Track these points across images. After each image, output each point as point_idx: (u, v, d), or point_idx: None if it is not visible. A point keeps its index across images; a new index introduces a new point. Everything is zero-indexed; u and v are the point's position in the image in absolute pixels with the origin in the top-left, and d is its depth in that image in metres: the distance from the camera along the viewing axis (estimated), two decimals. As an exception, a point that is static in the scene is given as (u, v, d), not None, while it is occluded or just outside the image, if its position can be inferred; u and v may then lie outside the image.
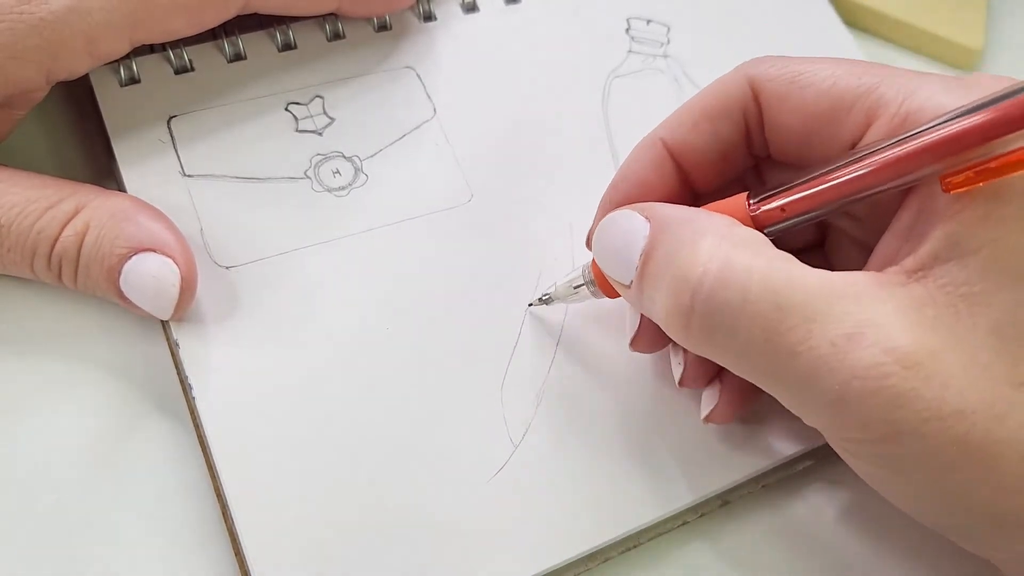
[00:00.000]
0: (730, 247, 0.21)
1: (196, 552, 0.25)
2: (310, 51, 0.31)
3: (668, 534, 0.27)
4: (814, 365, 0.20)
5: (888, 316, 0.20)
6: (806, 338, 0.20)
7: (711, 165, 0.26)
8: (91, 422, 0.26)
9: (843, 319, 0.20)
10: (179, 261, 0.25)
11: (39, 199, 0.25)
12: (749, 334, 0.20)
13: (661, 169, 0.26)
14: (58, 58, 0.25)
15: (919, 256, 0.21)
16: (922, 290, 0.20)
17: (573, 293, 0.27)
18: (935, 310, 0.20)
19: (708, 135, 0.25)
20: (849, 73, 0.23)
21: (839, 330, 0.20)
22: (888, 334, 0.20)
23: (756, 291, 0.20)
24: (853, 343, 0.20)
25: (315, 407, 0.25)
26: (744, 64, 0.25)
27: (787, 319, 0.20)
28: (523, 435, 0.26)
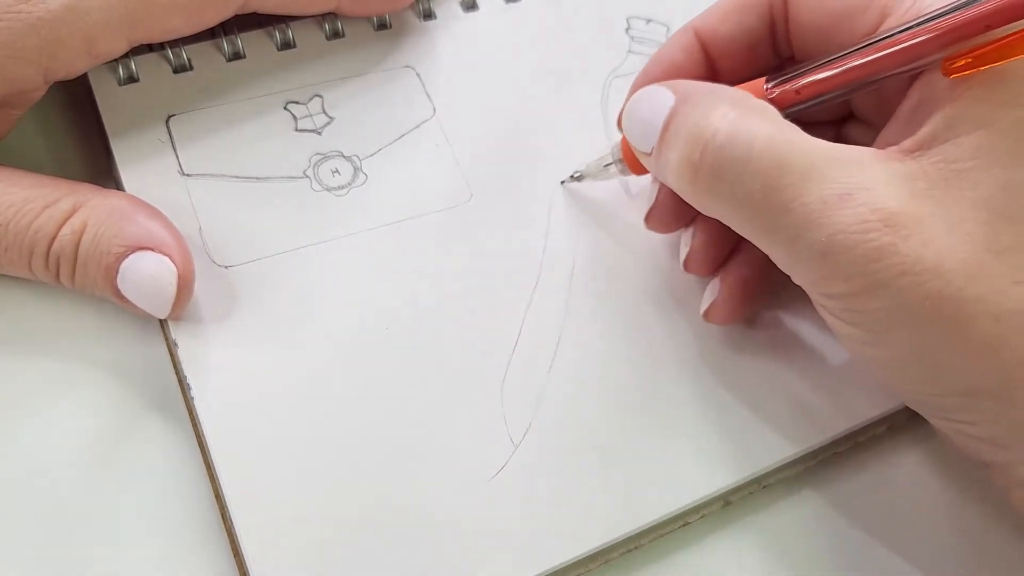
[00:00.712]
0: (742, 111, 0.23)
1: (195, 552, 0.24)
2: (309, 50, 0.31)
3: (669, 535, 0.27)
4: (804, 219, 0.21)
5: (879, 183, 0.21)
6: (800, 194, 0.21)
7: (738, 55, 0.28)
8: (90, 422, 0.26)
9: (836, 180, 0.21)
10: (176, 260, 0.25)
11: (36, 198, 0.25)
12: (749, 187, 0.22)
13: (691, 55, 0.28)
14: (56, 57, 0.25)
15: (917, 137, 0.22)
16: (916, 165, 0.22)
17: (603, 170, 0.29)
18: (926, 183, 0.21)
19: (736, 25, 0.27)
20: None
21: (831, 190, 0.21)
22: (876, 196, 0.21)
23: (760, 149, 0.22)
24: (842, 202, 0.21)
25: (314, 407, 0.25)
26: None
27: (785, 176, 0.22)
28: (523, 435, 0.26)
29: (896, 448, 0.29)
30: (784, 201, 0.22)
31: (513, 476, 0.25)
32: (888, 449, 0.29)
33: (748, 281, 0.28)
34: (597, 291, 0.29)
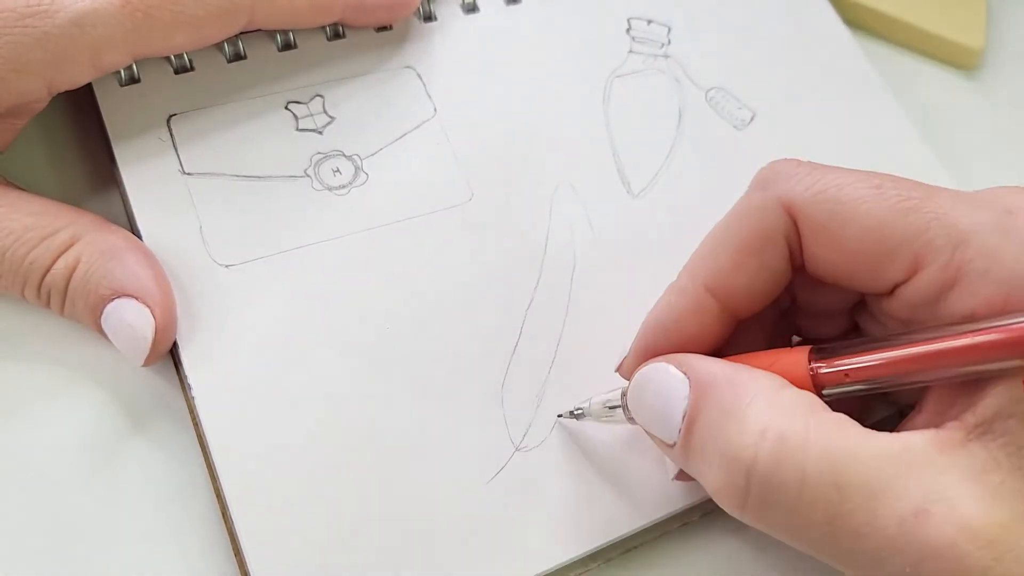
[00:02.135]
0: (781, 418, 0.20)
1: (196, 552, 0.24)
2: (310, 51, 0.31)
3: (669, 535, 0.27)
4: (882, 546, 0.19)
5: (954, 487, 0.19)
6: (871, 519, 0.19)
7: (756, 296, 0.24)
8: (91, 422, 0.26)
9: (908, 494, 0.19)
10: (156, 312, 0.25)
11: (36, 227, 0.25)
12: (810, 516, 0.20)
13: (703, 314, 0.24)
14: (61, 70, 0.25)
15: (980, 411, 0.20)
16: (984, 452, 0.19)
17: (608, 414, 0.25)
18: (1000, 475, 0.19)
19: (756, 270, 0.24)
20: (892, 209, 0.21)
21: (905, 507, 0.19)
22: (958, 509, 0.19)
23: (813, 470, 0.19)
24: (921, 521, 0.19)
25: (315, 406, 0.25)
26: (767, 179, 0.24)
27: (849, 499, 0.19)
28: (523, 435, 0.26)
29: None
30: (854, 527, 0.19)
31: (513, 476, 0.25)
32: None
33: None
34: (597, 291, 0.29)
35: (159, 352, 0.25)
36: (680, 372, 0.22)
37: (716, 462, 0.21)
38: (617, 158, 0.32)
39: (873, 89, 0.36)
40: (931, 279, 0.21)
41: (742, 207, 0.24)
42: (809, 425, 0.20)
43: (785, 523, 0.20)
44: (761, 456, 0.20)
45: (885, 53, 0.41)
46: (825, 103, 0.35)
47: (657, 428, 0.23)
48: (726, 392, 0.21)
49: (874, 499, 0.19)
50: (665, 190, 0.31)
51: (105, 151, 0.29)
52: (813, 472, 0.19)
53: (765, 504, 0.20)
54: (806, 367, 0.22)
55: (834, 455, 0.19)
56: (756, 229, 0.23)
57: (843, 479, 0.19)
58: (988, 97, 0.40)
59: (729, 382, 0.21)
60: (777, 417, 0.20)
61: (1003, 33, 0.42)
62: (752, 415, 0.20)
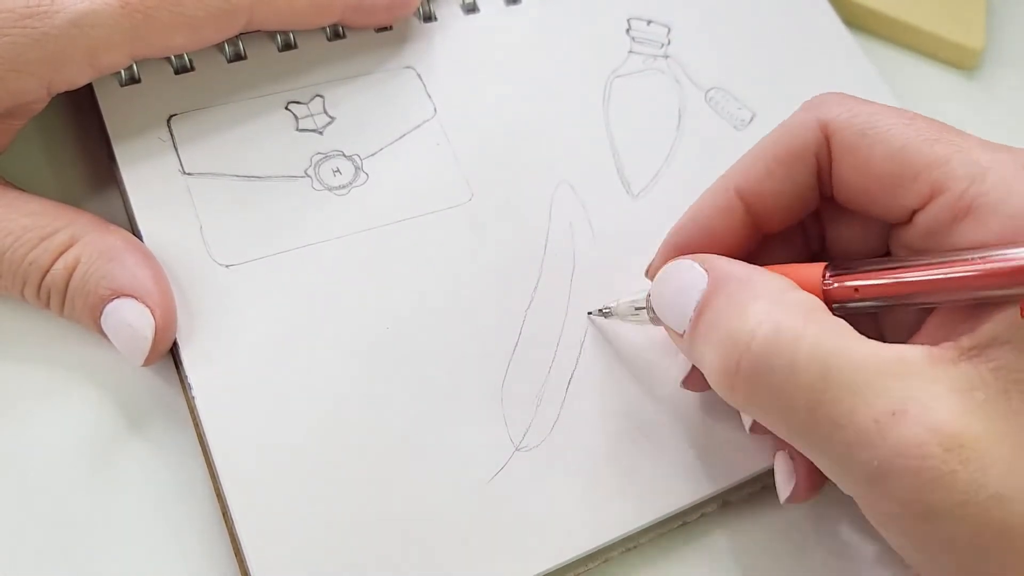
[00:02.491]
0: (782, 312, 0.21)
1: (196, 552, 0.24)
2: (310, 51, 0.31)
3: (668, 534, 0.27)
4: (856, 439, 0.20)
5: (935, 396, 0.20)
6: (850, 411, 0.20)
7: (782, 209, 0.25)
8: (91, 422, 0.26)
9: (888, 394, 0.20)
10: (156, 313, 0.25)
11: (35, 228, 0.25)
12: (793, 401, 0.21)
13: (730, 216, 0.25)
14: (60, 71, 0.25)
15: (977, 335, 0.20)
16: (973, 371, 0.20)
17: (633, 314, 0.27)
18: (985, 393, 0.20)
19: (783, 180, 0.25)
20: (921, 138, 0.23)
21: (884, 406, 0.20)
22: (932, 414, 0.19)
23: (803, 359, 0.20)
24: (896, 420, 0.19)
25: (315, 406, 0.25)
26: (813, 104, 0.25)
27: (832, 390, 0.20)
28: (523, 435, 0.26)
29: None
30: (833, 417, 0.20)
31: (513, 476, 0.25)
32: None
33: None
34: (597, 291, 0.29)
35: (159, 352, 0.25)
36: (702, 268, 0.23)
37: (715, 344, 0.22)
38: (617, 158, 0.32)
39: (873, 89, 0.36)
40: (946, 206, 0.22)
41: (784, 124, 0.25)
42: (808, 320, 0.21)
43: (769, 405, 0.21)
44: (757, 339, 0.21)
45: (885, 53, 0.41)
46: (825, 103, 0.35)
47: (672, 317, 0.24)
48: (737, 286, 0.22)
49: (856, 394, 0.20)
50: (665, 190, 0.31)
51: (105, 151, 0.29)
52: (803, 360, 0.20)
53: (754, 384, 0.21)
54: (820, 279, 0.23)
55: (825, 349, 0.20)
56: (790, 142, 0.25)
57: (830, 372, 0.20)
58: (988, 97, 0.40)
59: (743, 278, 0.23)
60: (779, 310, 0.21)
61: (1003, 33, 0.42)
62: (756, 306, 0.21)
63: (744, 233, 0.25)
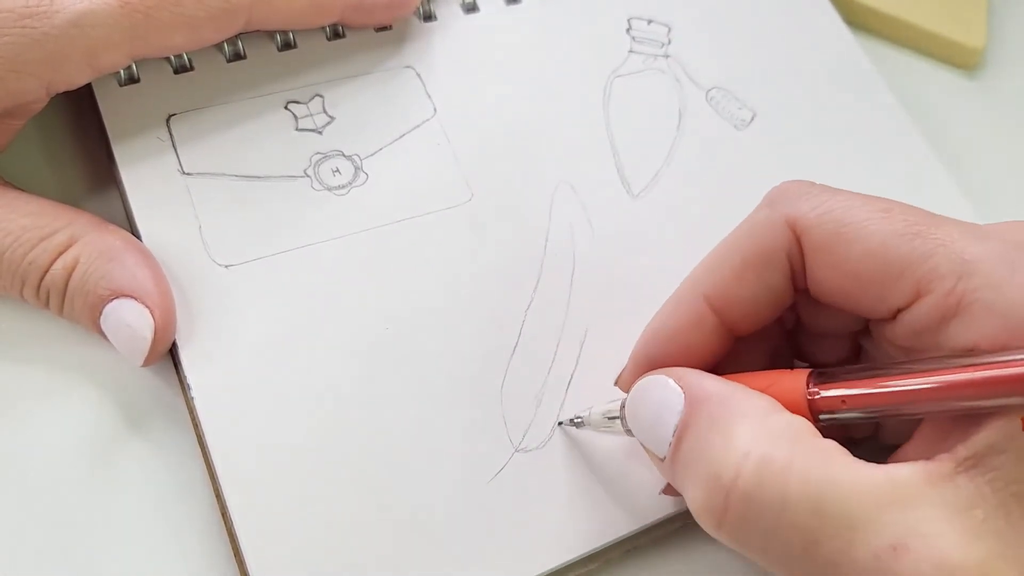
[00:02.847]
0: (767, 441, 0.20)
1: (195, 553, 0.24)
2: (310, 50, 0.31)
3: (669, 537, 0.27)
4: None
5: (935, 522, 0.19)
6: (848, 549, 0.19)
7: (755, 313, 0.24)
8: (90, 422, 0.26)
9: (887, 528, 0.19)
10: (156, 313, 0.25)
11: (34, 228, 0.25)
12: (787, 542, 0.20)
13: (701, 325, 0.24)
14: (59, 71, 0.25)
15: (971, 444, 0.19)
16: (971, 486, 0.19)
17: (607, 424, 0.25)
18: (984, 511, 0.19)
19: (754, 286, 0.23)
20: (899, 234, 0.21)
21: (883, 541, 0.19)
22: (936, 546, 0.18)
23: (794, 495, 0.19)
24: (898, 555, 0.18)
25: (314, 407, 0.25)
26: (776, 198, 0.23)
27: (827, 527, 0.19)
28: (523, 436, 0.26)
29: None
30: (829, 555, 0.19)
31: (513, 478, 0.25)
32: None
33: None
34: (597, 291, 0.29)
35: (158, 352, 0.25)
36: (677, 386, 0.22)
37: (700, 477, 0.21)
38: (617, 158, 0.32)
39: (874, 88, 0.36)
40: (933, 306, 0.21)
41: (747, 223, 0.24)
42: (795, 450, 0.20)
43: (761, 545, 0.20)
44: (743, 476, 0.20)
45: (886, 53, 0.41)
46: (826, 103, 0.35)
47: (650, 440, 0.23)
48: (717, 409, 0.21)
49: (852, 530, 0.19)
50: (665, 190, 0.31)
51: (104, 151, 0.29)
52: (794, 497, 0.19)
53: (743, 524, 0.20)
54: (804, 390, 0.21)
55: (817, 483, 0.19)
56: (758, 245, 0.23)
57: (823, 507, 0.19)
58: (989, 97, 0.40)
59: (722, 400, 0.21)
60: (764, 439, 0.20)
61: (1004, 33, 0.42)
62: (739, 435, 0.20)
63: (716, 339, 0.24)
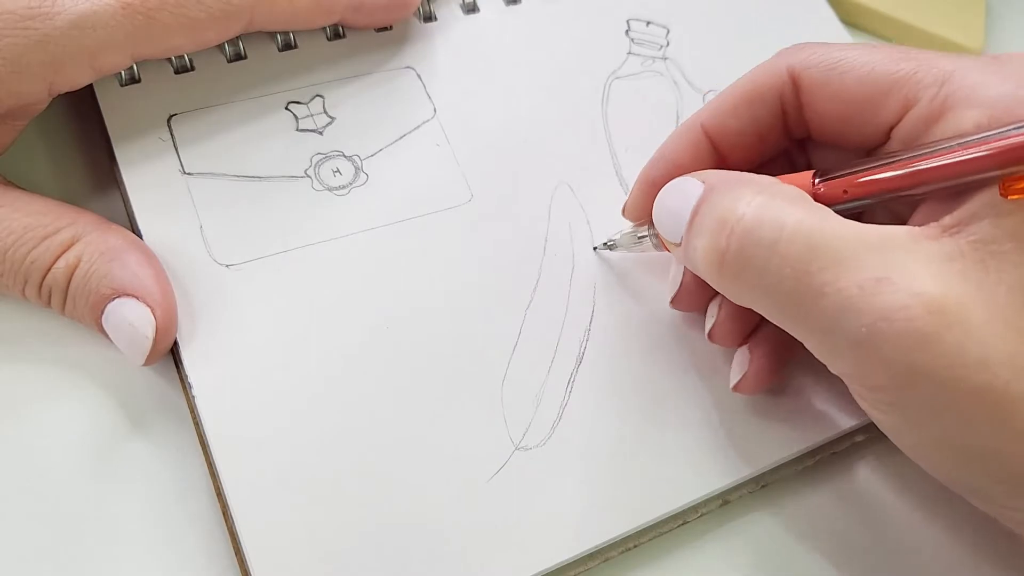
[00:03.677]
0: (770, 195, 0.22)
1: (197, 552, 0.25)
2: (310, 51, 0.31)
3: (668, 534, 0.27)
4: (841, 306, 0.20)
5: (916, 264, 0.20)
6: (835, 279, 0.20)
7: (748, 147, 0.27)
8: (91, 421, 0.26)
9: (872, 264, 0.20)
10: (157, 312, 0.25)
11: (37, 227, 0.25)
12: (780, 273, 0.21)
13: (697, 150, 0.27)
14: (61, 72, 0.25)
15: (956, 214, 0.21)
16: (952, 244, 0.21)
17: (636, 243, 0.28)
18: (963, 264, 0.20)
19: (746, 120, 0.26)
20: (887, 59, 0.24)
21: (868, 273, 0.20)
22: (915, 279, 0.20)
23: (789, 232, 0.21)
24: (881, 286, 0.20)
25: (315, 407, 0.25)
26: (785, 51, 0.26)
27: (817, 260, 0.21)
28: (523, 435, 0.26)
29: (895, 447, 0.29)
30: (818, 287, 0.21)
31: (512, 476, 0.26)
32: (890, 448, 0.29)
33: (778, 351, 0.27)
34: (597, 291, 0.29)
35: (160, 352, 0.25)
36: (697, 179, 0.24)
37: (706, 231, 0.23)
38: (616, 159, 0.32)
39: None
40: (921, 113, 0.23)
41: (754, 69, 0.27)
42: (794, 202, 0.22)
43: (756, 280, 0.22)
44: (746, 215, 0.22)
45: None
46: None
47: (670, 224, 0.25)
48: (729, 181, 0.24)
49: (841, 263, 0.21)
50: (664, 190, 0.32)
51: (106, 151, 0.29)
52: (789, 232, 0.21)
53: (741, 259, 0.22)
54: (809, 185, 0.24)
55: (810, 225, 0.21)
56: (755, 84, 0.26)
57: (816, 244, 0.21)
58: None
59: (736, 178, 0.24)
60: (765, 194, 0.22)
61: (1002, 33, 0.42)
62: (746, 192, 0.23)
63: (713, 167, 0.27)
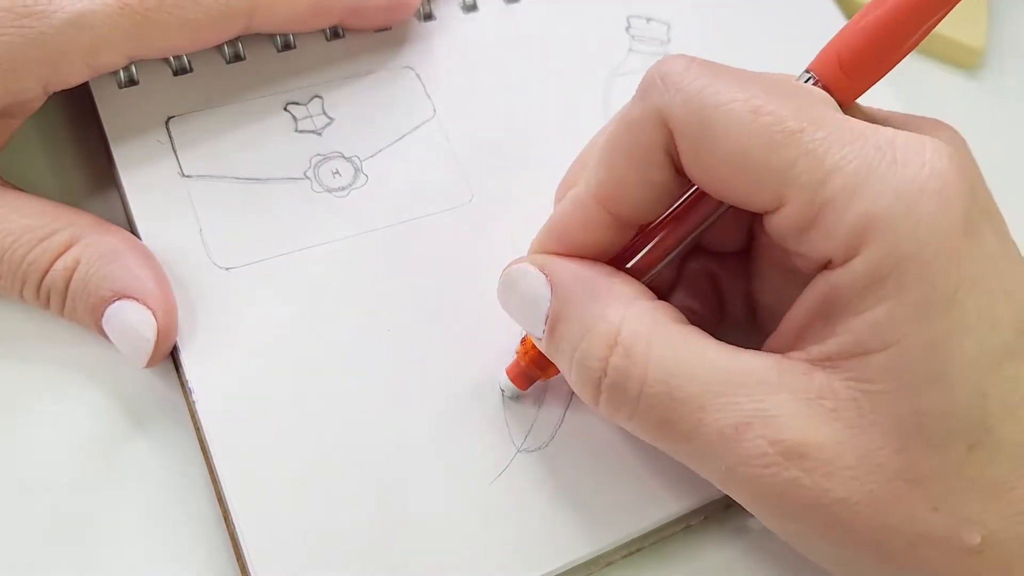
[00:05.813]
0: (629, 332, 0.22)
1: (197, 555, 0.25)
2: (309, 51, 0.31)
3: (671, 538, 0.27)
4: (704, 450, 0.21)
5: (780, 407, 0.20)
6: (697, 427, 0.21)
7: (649, 205, 0.23)
8: (91, 423, 0.26)
9: (732, 409, 0.21)
10: (158, 314, 0.25)
11: (35, 228, 0.25)
12: (646, 420, 0.22)
13: (598, 227, 0.24)
14: (57, 70, 0.25)
15: (824, 348, 0.21)
16: (824, 381, 0.20)
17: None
18: (834, 403, 0.20)
19: (640, 185, 0.23)
20: (763, 140, 0.20)
21: (728, 420, 0.21)
22: (776, 425, 0.20)
23: (651, 381, 0.21)
24: (739, 433, 0.20)
25: (315, 409, 0.25)
26: (649, 91, 0.22)
27: (680, 408, 0.21)
28: (524, 438, 0.26)
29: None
30: (682, 432, 0.21)
31: (515, 479, 0.25)
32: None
33: None
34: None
35: (161, 354, 0.25)
36: (541, 274, 0.24)
37: (574, 367, 0.23)
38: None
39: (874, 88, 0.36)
40: (794, 215, 0.21)
41: (623, 119, 0.23)
42: (652, 339, 0.22)
43: (628, 423, 0.23)
44: (609, 370, 0.22)
45: (886, 52, 0.41)
46: (826, 102, 0.35)
47: (527, 326, 0.24)
48: (584, 300, 0.23)
49: (701, 410, 0.21)
50: (666, 190, 0.31)
51: (104, 152, 0.29)
52: (650, 383, 0.21)
53: (613, 407, 0.23)
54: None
55: (670, 368, 0.21)
56: (636, 145, 0.22)
57: (676, 390, 0.21)
58: (989, 96, 0.40)
59: (588, 290, 0.23)
60: (625, 331, 0.22)
61: (1004, 32, 0.42)
62: (603, 329, 0.22)
63: (613, 233, 0.24)
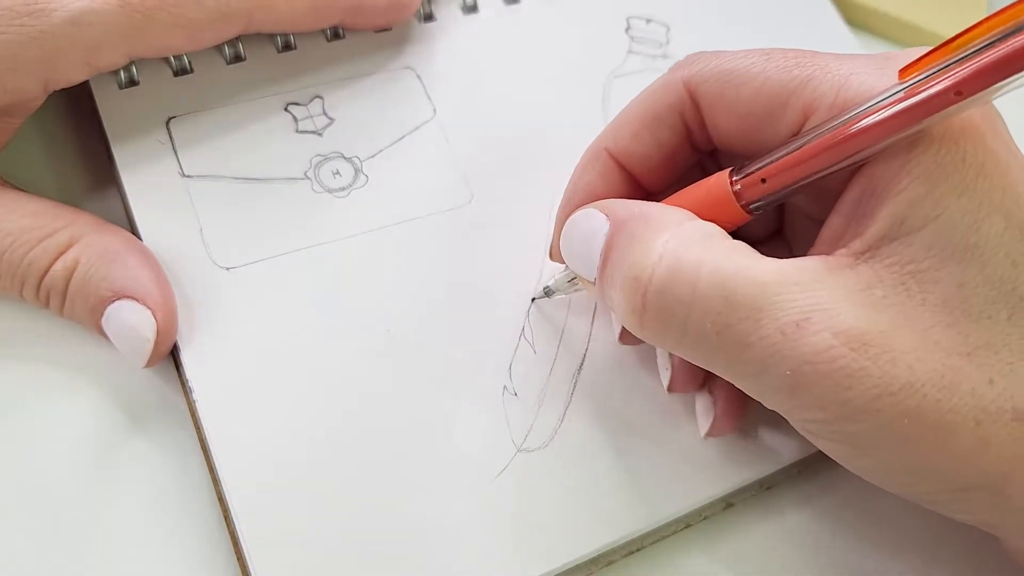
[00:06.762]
0: (680, 242, 0.21)
1: (197, 555, 0.24)
2: (309, 52, 0.31)
3: (671, 537, 0.27)
4: (766, 354, 0.20)
5: (836, 300, 0.20)
6: (755, 328, 0.20)
7: (658, 168, 0.26)
8: (92, 423, 0.26)
9: (791, 307, 0.20)
10: (158, 315, 0.25)
11: (34, 228, 0.25)
12: (700, 328, 0.21)
13: (609, 178, 0.26)
14: (57, 69, 0.25)
15: (866, 238, 0.21)
16: (870, 271, 0.21)
17: (569, 286, 0.27)
18: (883, 290, 0.20)
19: (649, 143, 0.25)
20: (781, 67, 0.23)
21: (787, 318, 0.20)
22: (835, 317, 0.20)
23: (704, 286, 0.21)
24: (801, 329, 0.20)
25: (316, 408, 0.25)
26: (679, 64, 0.25)
27: (736, 311, 0.20)
28: (525, 437, 0.26)
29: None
30: (740, 336, 0.20)
31: (515, 478, 0.25)
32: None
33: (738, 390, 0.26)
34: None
35: (161, 354, 0.25)
36: (602, 213, 0.23)
37: (622, 283, 0.22)
38: (617, 159, 0.32)
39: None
40: (821, 121, 0.22)
41: (651, 86, 0.26)
42: (705, 248, 0.21)
43: (679, 336, 0.21)
44: (657, 275, 0.21)
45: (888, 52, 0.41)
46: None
47: (582, 266, 0.24)
48: (637, 224, 0.23)
49: (759, 311, 0.20)
50: (666, 191, 0.31)
51: (105, 152, 0.29)
52: (704, 286, 0.21)
53: (661, 317, 0.21)
54: (727, 184, 0.23)
55: (724, 273, 0.21)
56: (653, 104, 0.25)
57: (732, 294, 0.20)
58: (989, 96, 0.40)
59: (641, 216, 0.23)
60: (676, 243, 0.22)
61: (1004, 32, 0.42)
62: (655, 242, 0.22)
63: (629, 191, 0.26)
